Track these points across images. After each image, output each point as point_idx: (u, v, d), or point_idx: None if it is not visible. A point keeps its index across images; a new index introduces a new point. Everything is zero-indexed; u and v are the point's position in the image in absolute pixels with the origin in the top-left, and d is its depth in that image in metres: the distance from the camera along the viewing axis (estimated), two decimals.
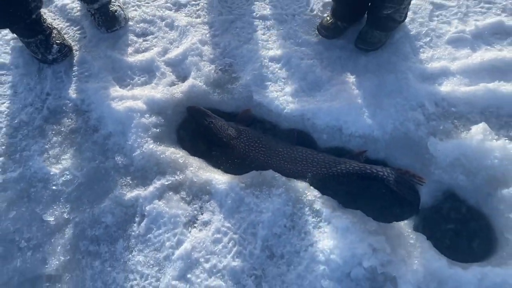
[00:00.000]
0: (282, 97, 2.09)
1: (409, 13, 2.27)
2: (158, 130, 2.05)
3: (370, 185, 1.88)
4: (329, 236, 1.69)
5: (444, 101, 1.99)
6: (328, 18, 2.26)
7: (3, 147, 2.12)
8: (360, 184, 1.89)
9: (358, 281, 1.61)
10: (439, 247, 1.70)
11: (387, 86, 2.04)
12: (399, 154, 1.92)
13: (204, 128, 2.08)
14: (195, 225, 1.82)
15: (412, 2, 2.30)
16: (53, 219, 1.89)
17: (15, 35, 2.34)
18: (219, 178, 1.88)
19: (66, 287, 1.75)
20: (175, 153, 1.98)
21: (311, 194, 1.82)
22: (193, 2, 2.53)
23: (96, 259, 1.80)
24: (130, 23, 2.48)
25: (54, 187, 1.97)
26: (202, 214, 1.84)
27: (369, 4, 2.13)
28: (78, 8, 2.57)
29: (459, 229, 1.78)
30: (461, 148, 1.80)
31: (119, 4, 2.45)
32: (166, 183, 1.90)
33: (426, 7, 2.31)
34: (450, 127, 1.92)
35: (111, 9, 2.40)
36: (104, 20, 2.40)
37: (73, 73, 2.32)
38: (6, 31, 2.45)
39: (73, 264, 1.80)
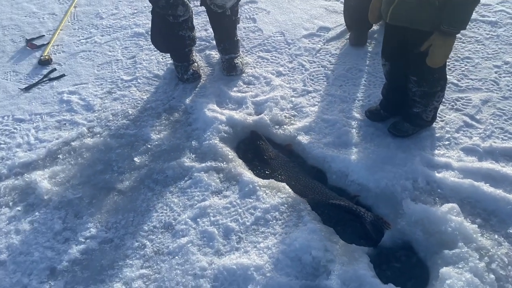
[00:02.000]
0: (316, 143, 2.82)
1: (441, 123, 2.86)
2: (226, 135, 2.93)
3: (351, 218, 2.41)
4: (300, 231, 2.26)
5: (435, 183, 2.46)
6: (375, 106, 2.98)
7: (133, 116, 3.24)
8: (344, 215, 2.43)
9: (305, 265, 2.13)
10: (380, 275, 2.13)
11: (396, 159, 2.61)
12: (381, 204, 2.43)
13: (255, 146, 2.90)
14: (218, 195, 2.57)
15: (448, 117, 2.91)
16: (138, 161, 2.84)
17: (171, 60, 3.59)
18: (248, 175, 2.63)
19: (126, 199, 2.62)
20: (228, 152, 2.81)
21: (304, 206, 2.44)
22: (290, 75, 3.51)
23: (150, 191, 2.66)
24: (244, 74, 3.54)
25: (148, 146, 2.96)
26: (226, 191, 2.58)
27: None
28: (217, 57, 3.76)
29: (403, 269, 2.17)
30: (427, 212, 2.24)
31: (241, 60, 3.56)
32: (214, 165, 2.72)
33: (458, 122, 2.86)
34: (430, 201, 2.39)
35: (234, 61, 3.51)
36: (227, 67, 3.51)
37: (194, 91, 3.42)
38: (168, 56, 3.72)
39: (136, 189, 2.68)
